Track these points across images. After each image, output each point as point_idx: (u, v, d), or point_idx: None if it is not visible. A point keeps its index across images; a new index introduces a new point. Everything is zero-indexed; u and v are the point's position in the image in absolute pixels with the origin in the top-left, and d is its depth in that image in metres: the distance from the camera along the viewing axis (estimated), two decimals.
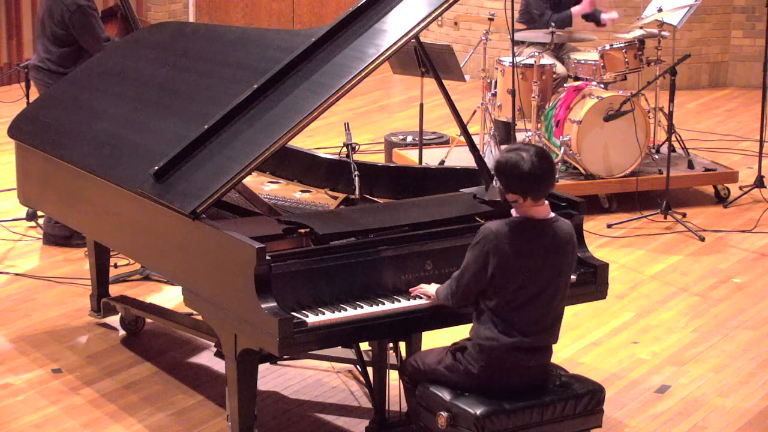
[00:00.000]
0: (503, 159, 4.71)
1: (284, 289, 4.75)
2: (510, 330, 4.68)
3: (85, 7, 7.50)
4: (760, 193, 8.87)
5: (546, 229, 4.72)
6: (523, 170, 4.65)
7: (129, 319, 6.53)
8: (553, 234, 4.73)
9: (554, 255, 4.72)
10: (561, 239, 4.74)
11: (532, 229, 4.70)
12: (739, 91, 12.26)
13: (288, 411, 5.75)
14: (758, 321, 6.86)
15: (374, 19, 5.37)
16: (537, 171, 4.65)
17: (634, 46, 8.78)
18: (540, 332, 4.74)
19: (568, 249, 4.77)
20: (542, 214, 4.73)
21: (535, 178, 4.66)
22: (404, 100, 11.85)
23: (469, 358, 4.72)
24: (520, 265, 4.65)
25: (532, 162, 4.65)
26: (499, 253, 4.63)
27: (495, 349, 4.68)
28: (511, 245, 4.64)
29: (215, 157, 5.17)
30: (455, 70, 8.29)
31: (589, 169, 8.54)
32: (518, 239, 4.66)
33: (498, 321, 4.68)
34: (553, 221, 4.75)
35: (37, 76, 7.69)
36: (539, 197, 4.70)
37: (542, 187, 4.70)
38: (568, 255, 4.78)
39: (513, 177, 4.68)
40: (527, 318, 4.70)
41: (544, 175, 4.68)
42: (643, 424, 5.70)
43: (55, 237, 7.78)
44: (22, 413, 5.73)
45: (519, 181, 4.67)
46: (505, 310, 4.68)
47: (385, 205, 5.62)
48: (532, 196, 4.68)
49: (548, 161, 4.71)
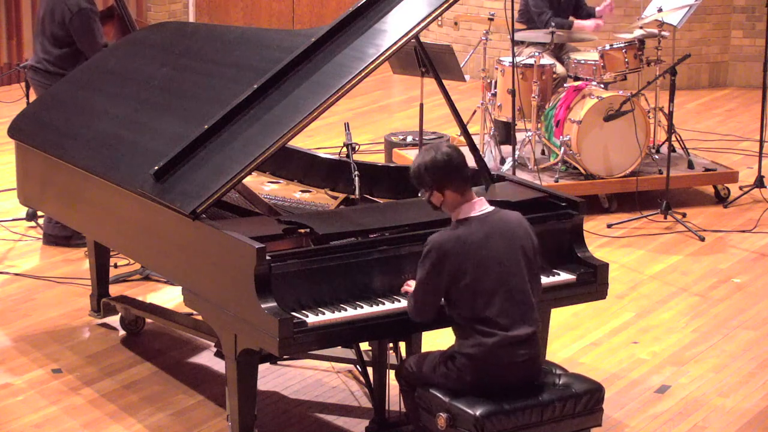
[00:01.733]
0: (415, 166, 4.79)
1: (284, 289, 4.75)
2: (490, 329, 4.67)
3: (87, 10, 7.50)
4: (760, 193, 8.87)
5: (487, 221, 4.73)
6: (430, 164, 4.71)
7: (129, 319, 6.53)
8: (498, 225, 4.73)
9: (507, 243, 4.72)
10: (508, 227, 4.75)
11: (473, 226, 4.71)
12: (739, 91, 12.26)
13: (288, 411, 5.75)
14: (758, 321, 6.86)
15: (374, 19, 5.38)
16: (444, 159, 4.71)
17: (634, 46, 8.78)
18: (519, 322, 4.72)
19: (519, 234, 4.76)
20: (476, 208, 4.74)
21: (440, 167, 4.70)
22: (404, 100, 11.85)
23: (461, 366, 4.72)
24: (474, 264, 4.66)
25: (433, 156, 4.72)
26: (450, 260, 4.64)
27: (482, 353, 4.68)
28: (460, 249, 4.65)
29: (215, 157, 5.17)
30: (455, 70, 8.29)
31: (589, 169, 8.54)
32: (463, 239, 4.67)
33: (476, 325, 4.68)
34: (494, 213, 4.76)
35: (35, 77, 7.68)
36: (456, 187, 4.73)
37: (453, 175, 4.73)
38: (523, 239, 4.77)
39: (420, 175, 4.75)
40: (502, 312, 4.68)
41: (449, 162, 4.72)
42: (643, 424, 5.70)
43: (54, 237, 7.78)
44: (22, 413, 5.73)
45: (433, 174, 4.72)
46: (478, 312, 4.68)
47: (385, 205, 5.62)
48: (449, 187, 4.72)
49: (450, 150, 4.75)
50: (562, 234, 5.30)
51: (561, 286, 5.20)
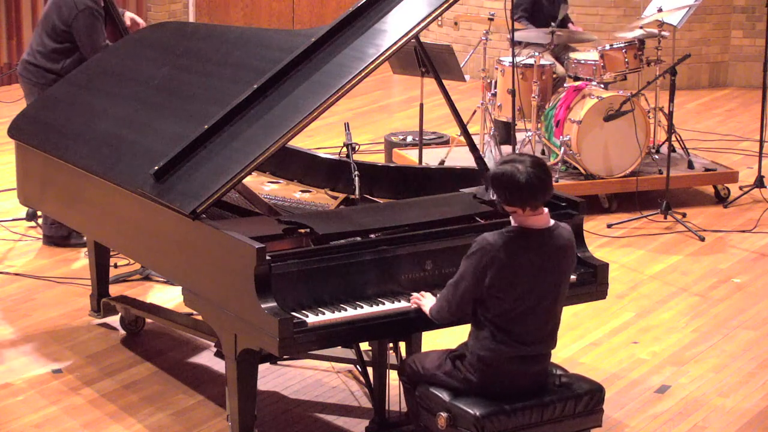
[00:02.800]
0: (499, 172, 4.62)
1: (284, 289, 4.75)
2: (510, 340, 4.65)
3: (93, 9, 7.50)
4: (760, 193, 8.87)
5: (545, 238, 4.65)
6: (520, 182, 4.57)
7: (129, 319, 6.53)
8: (552, 243, 4.66)
9: (554, 264, 4.67)
10: (560, 248, 4.68)
11: (531, 239, 4.63)
12: (739, 91, 12.26)
13: (288, 411, 5.75)
14: (758, 321, 6.86)
15: (374, 19, 5.37)
16: (534, 181, 4.58)
17: (634, 46, 8.78)
18: (540, 341, 4.71)
19: (567, 256, 4.72)
20: (541, 223, 4.65)
21: (533, 189, 4.58)
22: (404, 100, 11.85)
23: (469, 366, 4.70)
24: (519, 276, 4.60)
25: (528, 173, 4.57)
26: (497, 264, 4.57)
27: (495, 360, 4.66)
28: (510, 256, 4.58)
29: (215, 157, 5.17)
30: (455, 70, 8.29)
31: (589, 169, 8.54)
32: (516, 250, 4.59)
33: (497, 332, 4.65)
34: (552, 229, 4.68)
35: (23, 72, 7.69)
36: (537, 207, 4.64)
37: (540, 197, 4.62)
38: (568, 262, 4.73)
39: (510, 190, 4.59)
40: (527, 327, 4.66)
41: (542, 185, 4.60)
42: (643, 424, 5.70)
43: (53, 238, 7.78)
44: (22, 413, 5.73)
45: (517, 194, 4.58)
46: (504, 320, 4.64)
47: (385, 205, 5.62)
48: (531, 207, 4.62)
49: (544, 170, 4.64)
50: None
51: None
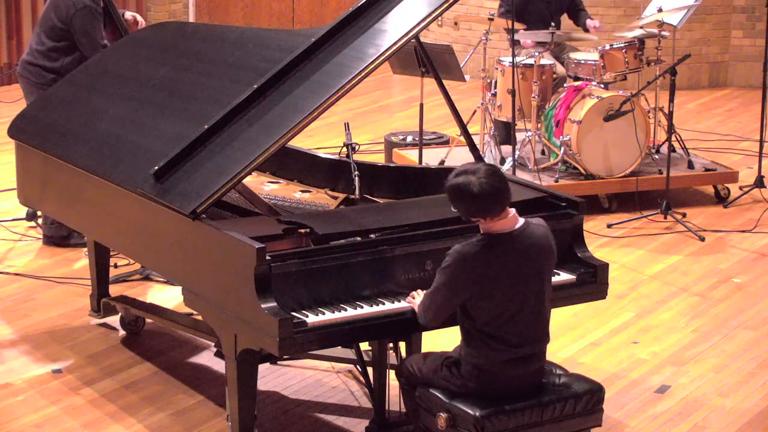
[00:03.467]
0: (454, 185, 4.62)
1: (284, 289, 4.75)
2: (502, 345, 4.65)
3: (92, 8, 7.50)
4: (760, 193, 8.87)
5: (516, 240, 4.64)
6: (473, 193, 4.56)
7: (129, 319, 6.53)
8: (525, 242, 4.65)
9: (530, 263, 4.66)
10: (534, 246, 4.67)
11: (502, 244, 4.62)
12: (739, 91, 12.26)
13: (288, 411, 5.75)
14: (758, 321, 6.86)
15: (374, 19, 5.37)
16: (488, 191, 4.56)
17: (634, 46, 8.78)
18: (532, 340, 4.71)
19: (543, 252, 4.70)
20: (509, 226, 4.64)
21: (489, 198, 4.57)
22: (404, 100, 11.85)
23: (465, 373, 4.71)
24: (497, 282, 4.59)
25: (481, 183, 4.56)
26: (473, 275, 4.57)
27: (490, 366, 4.67)
28: (484, 265, 4.58)
29: (215, 157, 5.17)
30: (455, 70, 8.29)
31: (589, 169, 8.54)
32: (489, 257, 4.59)
33: (488, 339, 4.65)
34: (523, 229, 4.66)
35: (23, 72, 7.70)
36: (498, 213, 4.61)
37: (498, 205, 4.60)
38: (546, 258, 4.71)
39: (467, 202, 4.60)
40: (517, 330, 4.66)
41: (498, 194, 4.58)
42: (643, 424, 5.70)
43: (53, 238, 7.78)
44: (22, 413, 5.73)
45: (475, 205, 4.58)
46: (492, 327, 4.64)
47: (385, 205, 5.62)
48: (491, 215, 4.61)
49: (498, 177, 4.61)
50: (562, 234, 5.29)
51: (561, 287, 5.18)
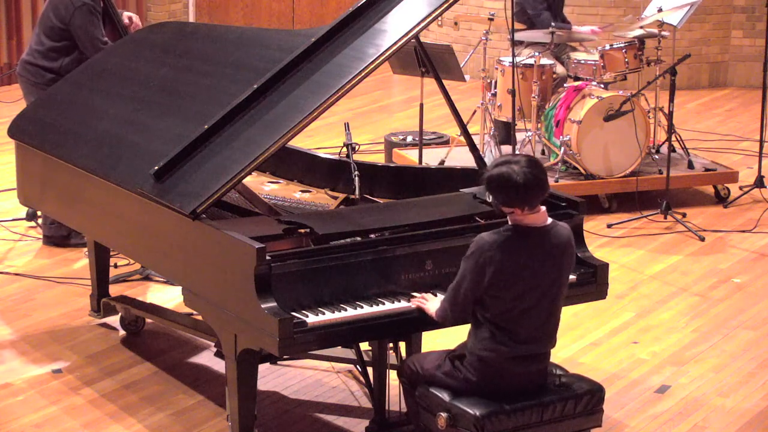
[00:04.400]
0: (495, 174, 4.62)
1: (284, 289, 4.75)
2: (509, 340, 4.65)
3: (90, 6, 7.50)
4: (760, 193, 8.87)
5: (543, 236, 4.65)
6: (518, 182, 4.57)
7: (129, 319, 6.53)
8: (550, 241, 4.66)
9: (552, 262, 4.67)
10: (559, 246, 4.68)
11: (529, 238, 4.63)
12: (739, 91, 12.26)
13: (288, 411, 5.75)
14: (758, 321, 6.86)
15: (374, 19, 5.37)
16: (531, 181, 4.58)
17: (634, 46, 8.78)
18: (540, 340, 4.72)
19: (566, 255, 4.71)
20: (539, 221, 4.65)
21: (530, 188, 4.58)
22: (404, 100, 11.85)
23: (468, 366, 4.70)
24: (518, 274, 4.60)
25: (525, 173, 4.57)
26: (496, 264, 4.57)
27: (494, 359, 4.66)
28: (508, 255, 4.58)
29: (215, 157, 5.17)
30: (455, 70, 8.29)
31: (589, 169, 8.54)
32: (514, 249, 4.60)
33: (497, 331, 4.65)
34: (550, 228, 4.68)
35: (22, 72, 7.71)
36: (535, 206, 4.64)
37: (537, 196, 4.62)
38: (567, 261, 4.73)
39: (507, 191, 4.59)
40: (527, 326, 4.66)
41: (539, 184, 4.61)
42: (643, 424, 5.70)
43: (53, 238, 7.78)
44: (22, 413, 5.73)
45: (515, 194, 4.58)
46: (503, 320, 4.64)
47: (385, 205, 5.62)
48: (528, 206, 4.62)
49: (539, 168, 4.64)
50: None
51: None
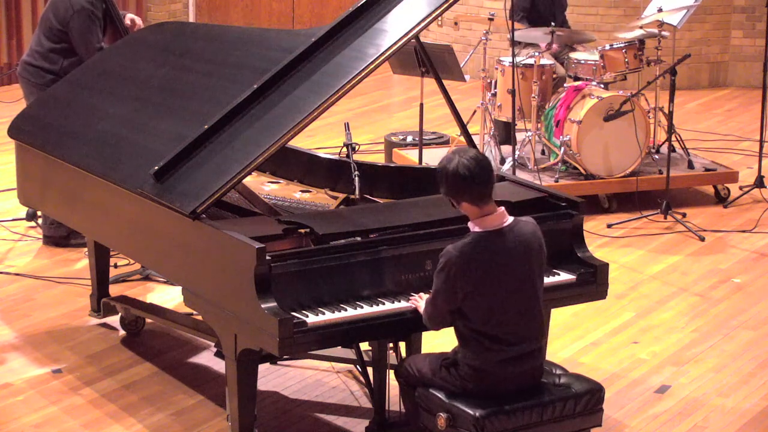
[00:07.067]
0: (439, 167, 4.68)
1: (284, 289, 4.75)
2: (497, 344, 4.65)
3: (89, 10, 7.51)
4: (760, 193, 8.87)
5: (504, 236, 4.65)
6: (458, 173, 4.59)
7: (129, 319, 6.53)
8: (514, 240, 4.66)
9: (518, 261, 4.67)
10: (522, 243, 4.68)
11: (492, 241, 4.63)
12: (739, 91, 12.26)
13: (288, 411, 5.75)
14: (758, 321, 6.86)
15: (374, 19, 5.38)
16: (473, 171, 4.59)
17: (634, 46, 8.78)
18: (528, 338, 4.72)
19: (532, 250, 4.71)
20: (497, 222, 4.65)
21: (471, 178, 4.59)
22: (404, 100, 11.85)
23: (464, 375, 4.71)
24: (488, 280, 4.60)
25: (464, 163, 4.60)
26: (466, 274, 4.58)
27: (487, 366, 4.67)
28: (474, 263, 4.59)
29: (215, 157, 5.18)
30: (455, 70, 8.29)
31: (589, 169, 8.54)
32: (480, 255, 4.60)
33: (483, 339, 4.66)
34: (512, 226, 4.68)
35: (23, 73, 7.73)
36: (476, 200, 4.62)
37: (482, 189, 4.62)
38: (535, 255, 4.72)
39: (450, 181, 4.63)
40: (511, 328, 4.67)
41: (481, 175, 4.61)
42: (643, 424, 5.70)
43: (53, 238, 7.78)
44: (22, 413, 5.73)
45: (457, 184, 4.62)
46: (487, 326, 4.65)
47: (385, 205, 5.62)
48: (468, 199, 4.63)
49: (485, 162, 4.64)
50: (562, 234, 5.30)
51: (561, 287, 5.19)
